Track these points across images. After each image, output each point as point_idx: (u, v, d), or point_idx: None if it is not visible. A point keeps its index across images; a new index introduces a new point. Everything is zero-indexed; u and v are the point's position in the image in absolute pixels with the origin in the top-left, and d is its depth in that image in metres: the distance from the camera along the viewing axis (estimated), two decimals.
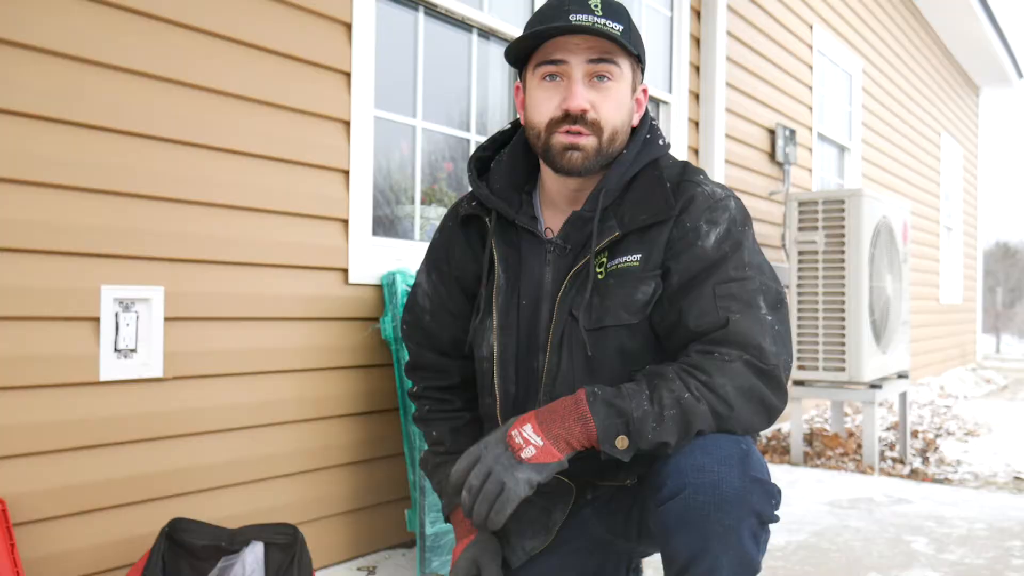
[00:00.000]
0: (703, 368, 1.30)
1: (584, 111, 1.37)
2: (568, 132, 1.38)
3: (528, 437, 1.29)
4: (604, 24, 1.35)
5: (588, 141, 1.38)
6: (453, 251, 1.57)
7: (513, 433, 1.30)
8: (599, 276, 1.41)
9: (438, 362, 1.62)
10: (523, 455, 1.28)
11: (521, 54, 1.42)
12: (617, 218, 1.41)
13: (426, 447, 1.69)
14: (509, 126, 1.58)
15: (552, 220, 1.50)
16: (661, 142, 1.48)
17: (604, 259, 1.41)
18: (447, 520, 1.59)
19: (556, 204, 1.50)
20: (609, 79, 1.38)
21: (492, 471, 1.27)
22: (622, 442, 1.26)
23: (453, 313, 1.58)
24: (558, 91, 1.39)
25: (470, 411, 1.64)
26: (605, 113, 1.38)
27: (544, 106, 1.40)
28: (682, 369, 1.31)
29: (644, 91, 1.48)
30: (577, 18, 1.35)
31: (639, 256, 1.40)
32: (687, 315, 1.35)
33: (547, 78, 1.39)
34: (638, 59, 1.43)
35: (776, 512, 1.30)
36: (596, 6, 1.37)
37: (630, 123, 1.45)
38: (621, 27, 1.38)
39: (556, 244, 1.45)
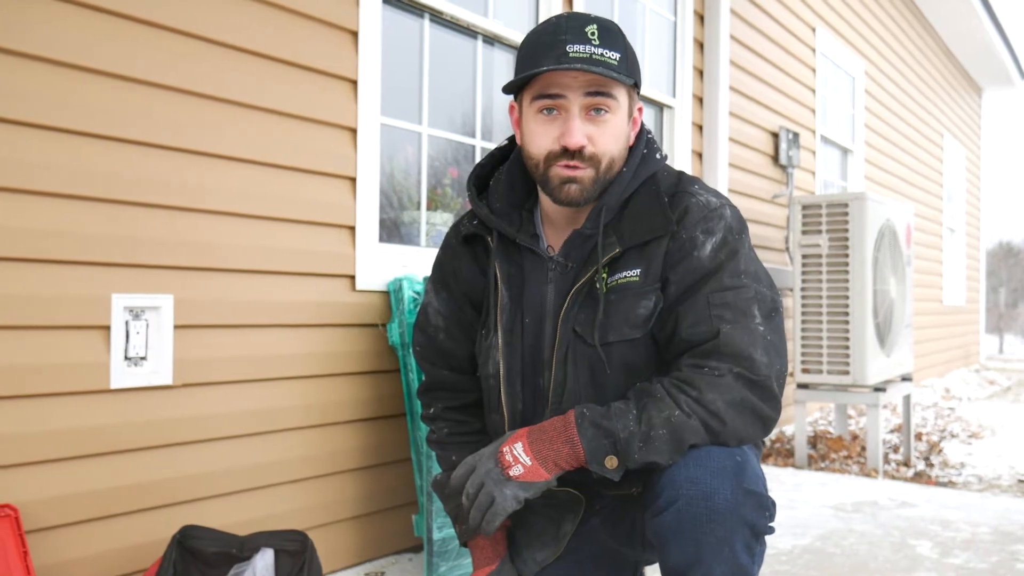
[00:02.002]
0: (693, 383, 1.32)
1: (582, 147, 1.37)
2: (566, 166, 1.38)
3: (518, 455, 1.33)
4: (602, 55, 1.35)
5: (585, 174, 1.39)
6: (460, 268, 1.58)
7: (505, 449, 1.35)
8: (601, 292, 1.42)
9: (455, 381, 1.63)
10: (511, 472, 1.32)
11: (522, 81, 1.41)
12: (617, 234, 1.42)
13: (439, 469, 1.70)
14: (507, 142, 1.58)
15: (553, 237, 1.51)
16: (658, 156, 1.49)
17: (605, 275, 1.42)
18: (464, 545, 1.60)
19: (556, 221, 1.50)
20: (606, 111, 1.38)
21: (484, 483, 1.32)
22: (611, 462, 1.29)
23: (466, 328, 1.59)
24: (555, 124, 1.39)
25: (487, 433, 1.65)
26: (602, 146, 1.39)
27: (542, 139, 1.40)
28: (672, 385, 1.33)
29: (640, 110, 1.49)
30: (575, 49, 1.34)
31: (639, 271, 1.40)
32: (681, 324, 1.37)
33: (544, 111, 1.40)
34: (635, 84, 1.43)
35: (770, 524, 1.31)
36: (593, 34, 1.36)
37: (627, 147, 1.45)
38: (619, 55, 1.37)
39: (558, 262, 1.46)
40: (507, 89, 1.43)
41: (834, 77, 6.06)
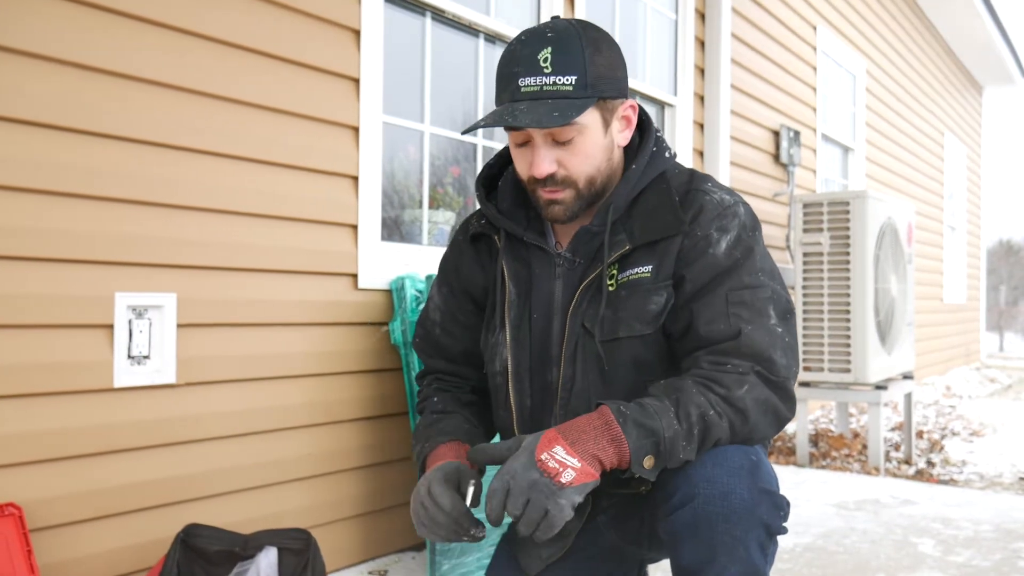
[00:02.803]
0: (721, 382, 1.31)
1: (552, 174, 1.38)
2: (544, 191, 1.40)
3: (563, 460, 1.24)
4: (554, 84, 1.33)
5: (565, 195, 1.40)
6: (462, 265, 1.59)
7: (544, 457, 1.24)
8: (610, 288, 1.42)
9: (449, 369, 1.64)
10: (563, 479, 1.23)
11: (472, 128, 1.43)
12: (627, 231, 1.42)
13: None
14: None
15: (561, 234, 1.51)
16: (668, 154, 1.49)
17: (615, 271, 1.42)
18: (421, 470, 1.51)
19: None
20: (571, 136, 1.37)
21: (531, 499, 1.22)
22: (649, 462, 1.26)
23: (464, 325, 1.60)
24: (527, 153, 1.40)
25: (477, 396, 1.63)
26: (574, 168, 1.39)
27: (520, 166, 1.43)
28: (700, 383, 1.31)
29: (632, 107, 1.46)
30: (525, 83, 1.34)
31: (650, 267, 1.40)
32: (698, 320, 1.36)
33: (515, 140, 1.41)
34: (602, 98, 1.38)
35: (784, 524, 1.31)
36: (546, 61, 1.34)
37: (612, 155, 1.44)
38: (574, 77, 1.33)
39: (565, 258, 1.46)
40: (466, 132, 1.44)
41: (835, 75, 6.06)
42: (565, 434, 1.27)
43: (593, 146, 1.40)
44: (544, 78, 1.34)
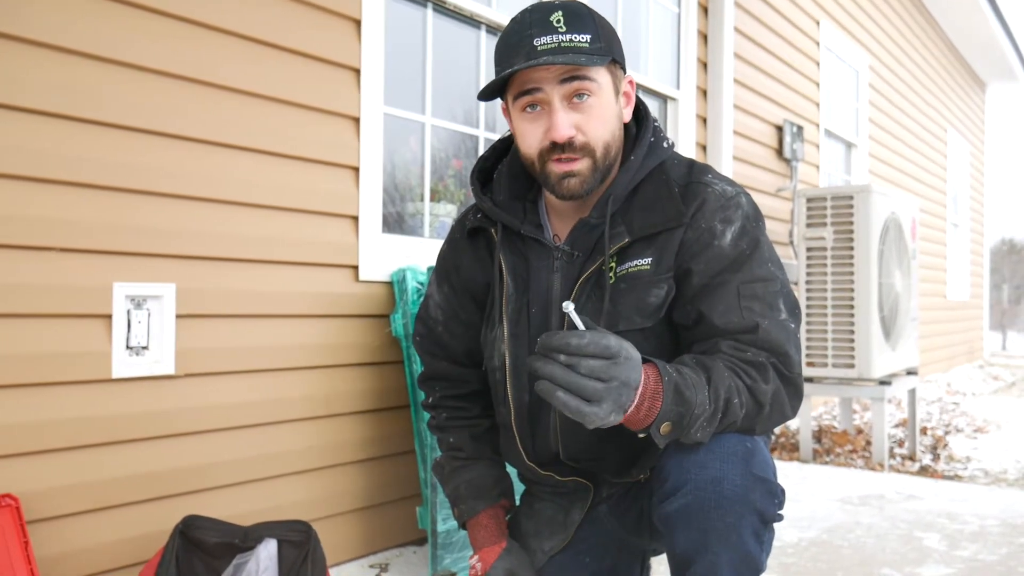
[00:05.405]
0: (748, 372, 1.28)
1: (571, 138, 1.34)
2: (560, 160, 1.36)
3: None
4: (571, 41, 1.32)
5: (582, 164, 1.36)
6: (461, 262, 1.57)
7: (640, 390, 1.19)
8: (610, 281, 1.40)
9: (454, 371, 1.62)
10: (629, 410, 1.18)
11: (496, 87, 1.39)
12: (625, 224, 1.40)
13: (439, 451, 1.69)
14: (509, 133, 1.56)
15: (558, 226, 1.49)
16: (666, 144, 1.46)
17: (613, 264, 1.40)
18: (462, 527, 1.58)
19: (561, 211, 1.48)
20: (588, 95, 1.35)
21: (603, 396, 1.14)
22: (666, 428, 1.21)
23: (466, 323, 1.58)
24: (541, 120, 1.36)
25: (488, 418, 1.63)
26: (593, 132, 1.36)
27: (531, 138, 1.38)
28: (731, 367, 1.28)
29: (631, 83, 1.45)
30: (542, 42, 1.32)
31: (650, 259, 1.38)
32: (712, 313, 1.33)
33: (528, 108, 1.37)
34: (613, 60, 1.38)
35: (779, 511, 1.29)
36: (559, 21, 1.33)
37: (621, 127, 1.43)
38: (588, 36, 1.33)
39: (563, 251, 1.44)
40: (482, 96, 1.40)
41: (838, 71, 6.03)
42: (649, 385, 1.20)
43: (608, 109, 1.38)
44: (560, 36, 1.32)
